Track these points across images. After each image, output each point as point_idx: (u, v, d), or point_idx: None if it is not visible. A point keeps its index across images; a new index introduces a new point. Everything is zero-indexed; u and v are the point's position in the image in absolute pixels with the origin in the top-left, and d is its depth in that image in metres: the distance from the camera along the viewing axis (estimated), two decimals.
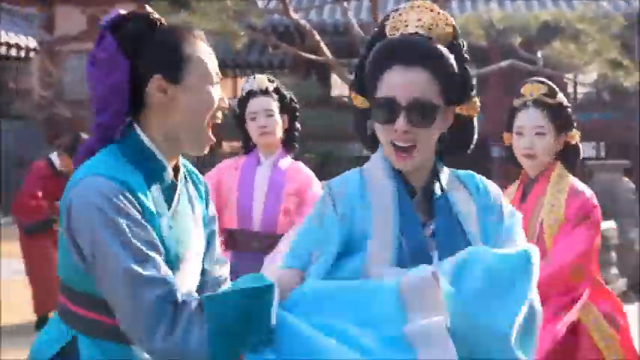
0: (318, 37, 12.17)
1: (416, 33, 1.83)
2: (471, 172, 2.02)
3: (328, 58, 12.01)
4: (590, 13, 11.81)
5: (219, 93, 1.92)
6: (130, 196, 1.76)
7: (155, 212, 1.81)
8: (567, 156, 3.25)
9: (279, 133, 3.72)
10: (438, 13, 1.85)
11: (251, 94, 3.70)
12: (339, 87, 21.05)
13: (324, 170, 15.75)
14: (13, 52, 13.80)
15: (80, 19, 21.14)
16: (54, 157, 7.03)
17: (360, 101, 1.96)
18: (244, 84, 3.79)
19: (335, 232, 1.87)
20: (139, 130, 1.88)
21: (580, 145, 3.30)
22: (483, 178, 2.00)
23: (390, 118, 1.82)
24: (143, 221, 1.76)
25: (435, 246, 1.87)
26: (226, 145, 18.16)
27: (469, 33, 11.83)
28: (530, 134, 3.16)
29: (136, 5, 21.02)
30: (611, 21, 11.47)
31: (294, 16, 12.43)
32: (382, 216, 1.87)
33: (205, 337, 1.67)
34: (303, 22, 12.67)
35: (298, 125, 3.85)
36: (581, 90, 20.99)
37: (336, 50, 12.68)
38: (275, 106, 3.69)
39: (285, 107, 3.74)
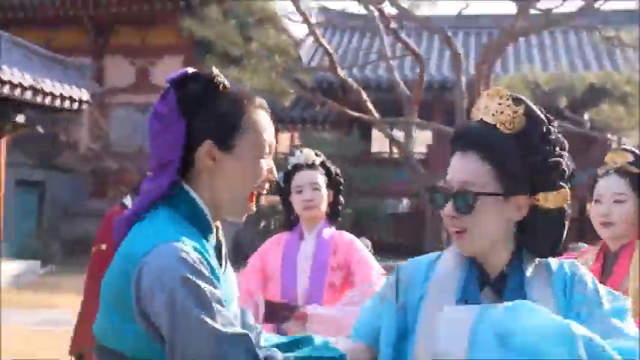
0: (363, 94, 12.28)
1: (480, 120, 1.82)
2: (566, 260, 1.90)
3: (372, 115, 12.09)
4: (636, 76, 11.73)
5: (270, 164, 1.88)
6: (204, 260, 1.74)
7: (217, 274, 1.79)
8: None
9: (324, 207, 3.65)
10: (507, 99, 1.80)
11: (297, 167, 3.65)
12: (379, 143, 21.14)
13: (361, 225, 15.78)
14: (67, 104, 13.89)
15: (129, 71, 21.41)
16: (127, 201, 7.12)
17: None
18: (290, 158, 3.75)
19: (391, 321, 1.87)
20: (190, 191, 1.84)
21: None
22: (579, 267, 1.89)
23: (440, 203, 1.82)
24: (215, 282, 1.74)
25: None
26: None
27: (514, 92, 11.85)
28: (608, 202, 2.98)
29: (184, 58, 21.47)
30: None
31: (340, 73, 12.56)
32: (436, 307, 1.80)
33: None
34: (349, 79, 12.78)
35: (342, 199, 3.80)
36: None
37: (379, 107, 12.76)
38: (321, 179, 3.64)
39: (332, 181, 3.69)
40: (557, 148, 1.81)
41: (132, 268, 1.72)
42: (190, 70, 1.86)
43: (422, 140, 18.34)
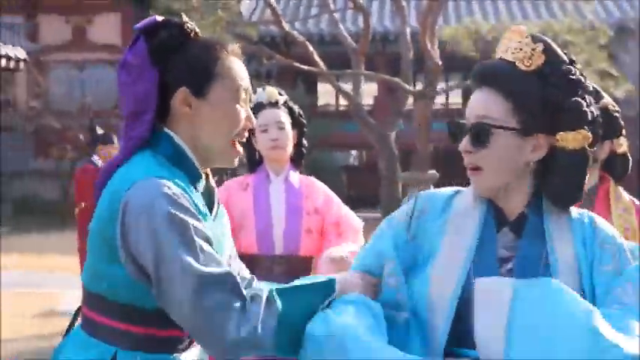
0: (310, 47, 12.19)
1: (500, 58, 1.81)
2: (585, 210, 1.87)
3: (319, 67, 12.03)
4: (577, 25, 11.93)
5: (248, 111, 1.87)
6: (188, 197, 1.73)
7: (203, 213, 1.79)
8: (615, 166, 2.99)
9: (290, 149, 3.52)
10: (526, 37, 1.79)
11: (260, 106, 3.48)
12: (325, 96, 21.13)
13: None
14: (3, 62, 13.55)
15: (65, 29, 20.91)
16: (95, 159, 7.07)
17: None
18: (253, 96, 3.53)
19: (398, 250, 1.84)
20: (172, 134, 1.83)
21: (629, 156, 3.02)
22: (599, 218, 1.86)
23: (457, 138, 1.82)
24: (200, 218, 1.74)
25: None
26: None
27: (458, 43, 11.93)
28: None
29: (122, 15, 20.99)
30: (598, 33, 11.63)
31: (285, 26, 12.43)
32: (454, 245, 1.81)
33: (275, 328, 1.67)
34: (294, 32, 12.67)
35: (305, 142, 3.68)
36: None
37: (324, 60, 12.72)
38: (286, 119, 3.49)
39: (295, 121, 3.56)
40: (580, 90, 1.79)
41: (116, 205, 1.71)
42: (159, 17, 1.84)
43: (368, 92, 18.36)
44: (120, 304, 1.77)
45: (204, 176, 1.89)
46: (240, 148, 1.89)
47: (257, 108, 3.41)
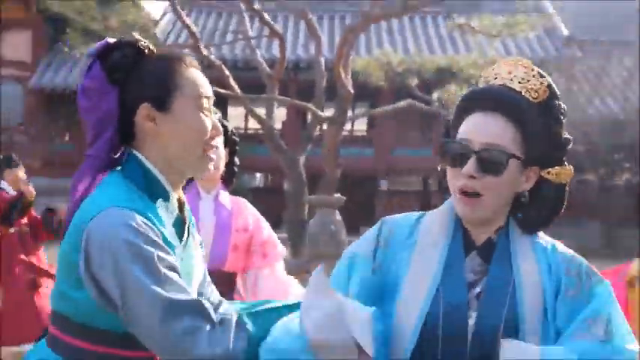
0: (226, 71, 12.42)
1: (503, 85, 1.77)
2: (547, 237, 1.85)
3: (236, 91, 12.27)
4: (481, 60, 12.58)
5: (213, 119, 1.86)
6: (153, 226, 1.73)
7: (170, 243, 1.78)
8: None
9: (222, 168, 3.43)
10: (532, 70, 1.78)
11: None
12: (235, 120, 21.30)
13: None
14: None
15: None
16: (4, 184, 6.86)
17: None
18: None
19: (365, 279, 1.82)
20: (139, 156, 1.83)
21: None
22: (557, 242, 1.85)
23: (460, 161, 1.73)
24: (167, 248, 1.74)
25: (476, 307, 1.75)
26: None
27: (369, 74, 12.41)
28: None
29: (33, 33, 20.68)
30: None
31: (203, 50, 12.62)
32: (421, 271, 1.79)
33: (245, 349, 1.68)
34: (212, 57, 12.87)
35: (237, 160, 3.59)
36: None
37: (237, 84, 12.97)
38: (219, 138, 3.39)
39: (228, 140, 3.46)
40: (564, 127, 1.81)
41: (80, 233, 1.72)
42: (110, 39, 1.84)
43: (277, 117, 18.69)
44: (82, 326, 1.78)
45: (174, 200, 1.87)
46: (213, 156, 1.90)
47: None
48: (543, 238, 1.83)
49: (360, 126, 22.27)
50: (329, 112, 12.52)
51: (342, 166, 12.44)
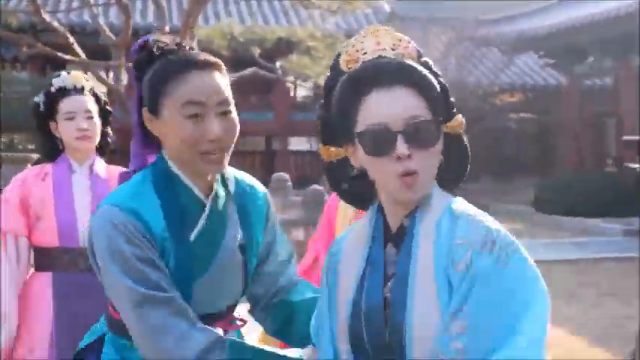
0: (71, 38, 12.45)
1: (380, 56, 1.61)
2: (460, 207, 1.61)
3: (82, 57, 12.32)
4: (318, 33, 13.25)
5: (206, 123, 1.76)
6: (140, 225, 1.76)
7: (168, 236, 1.79)
8: None
9: (98, 139, 3.27)
10: (393, 34, 1.66)
11: (64, 91, 3.18)
12: None
13: None
14: None
15: None
16: None
17: (333, 153, 1.69)
18: (54, 79, 3.21)
19: (325, 307, 1.74)
20: (164, 154, 1.86)
21: None
22: (471, 208, 1.60)
23: (387, 147, 1.53)
24: (150, 247, 1.76)
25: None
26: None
27: (211, 43, 12.81)
28: None
29: None
30: (335, 40, 13.04)
31: (45, 16, 12.58)
32: (347, 272, 1.69)
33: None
34: (54, 22, 12.83)
35: (111, 131, 3.40)
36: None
37: (86, 50, 13.01)
38: (93, 107, 3.23)
39: (102, 110, 3.29)
40: None
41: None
42: (145, 38, 1.85)
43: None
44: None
45: (199, 191, 1.87)
46: (218, 161, 1.81)
47: (61, 93, 3.19)
48: (459, 210, 1.59)
49: None
50: None
51: None
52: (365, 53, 1.63)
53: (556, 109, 21.06)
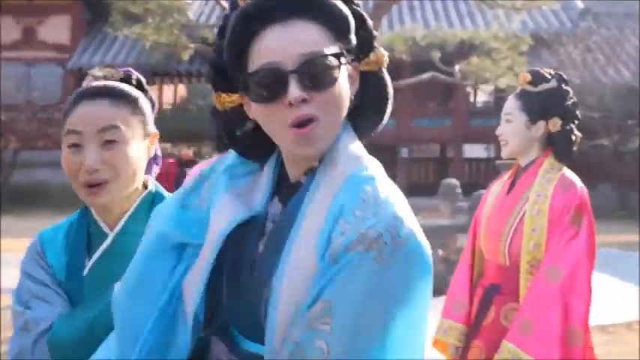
0: None
1: None
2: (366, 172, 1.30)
3: None
4: (501, 34, 12.85)
5: (85, 154, 1.71)
6: (42, 252, 1.82)
7: (64, 268, 1.80)
8: (555, 144, 2.99)
9: None
10: None
11: None
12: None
13: None
14: None
15: (15, 29, 21.31)
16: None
17: (228, 100, 1.37)
18: None
19: None
20: None
21: (572, 134, 3.00)
22: (376, 177, 1.29)
23: (277, 90, 1.26)
24: (46, 275, 1.79)
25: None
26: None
27: (393, 49, 12.74)
28: (502, 122, 3.05)
29: (72, 17, 21.21)
30: (520, 41, 12.58)
31: None
32: (215, 224, 1.37)
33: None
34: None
35: None
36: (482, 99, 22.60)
37: None
38: None
39: None
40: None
41: None
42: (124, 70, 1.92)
43: None
44: None
45: (87, 215, 1.86)
46: (99, 193, 1.73)
47: None
48: (365, 181, 1.28)
49: None
50: None
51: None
52: None
53: None
